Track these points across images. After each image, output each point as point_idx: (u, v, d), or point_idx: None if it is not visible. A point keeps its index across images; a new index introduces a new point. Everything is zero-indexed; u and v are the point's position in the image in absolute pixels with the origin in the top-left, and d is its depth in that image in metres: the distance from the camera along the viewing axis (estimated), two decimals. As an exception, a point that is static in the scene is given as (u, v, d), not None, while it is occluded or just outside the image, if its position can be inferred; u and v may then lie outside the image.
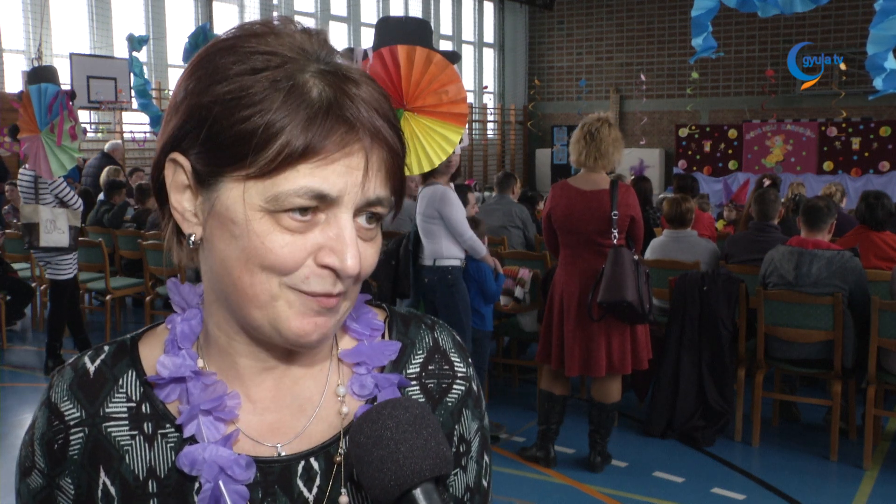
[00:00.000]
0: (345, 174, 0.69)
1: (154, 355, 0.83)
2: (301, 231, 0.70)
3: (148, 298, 6.83)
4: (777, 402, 4.96)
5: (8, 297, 6.79)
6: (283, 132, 0.68)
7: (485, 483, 0.91)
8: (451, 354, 0.88)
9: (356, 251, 0.71)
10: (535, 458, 4.38)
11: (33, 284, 7.33)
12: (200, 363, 0.81)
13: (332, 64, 0.72)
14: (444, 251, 4.61)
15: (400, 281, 4.58)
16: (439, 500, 0.70)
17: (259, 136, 0.68)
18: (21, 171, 5.97)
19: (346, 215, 0.71)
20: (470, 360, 0.91)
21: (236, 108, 0.69)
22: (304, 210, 0.69)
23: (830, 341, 4.38)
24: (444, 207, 4.54)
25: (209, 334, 0.81)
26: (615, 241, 3.95)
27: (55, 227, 5.76)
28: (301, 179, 0.68)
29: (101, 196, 8.02)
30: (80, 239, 6.24)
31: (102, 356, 0.84)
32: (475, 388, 0.90)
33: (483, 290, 4.82)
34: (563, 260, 4.17)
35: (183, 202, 0.75)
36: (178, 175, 0.74)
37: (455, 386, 0.88)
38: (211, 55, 0.73)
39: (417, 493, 0.69)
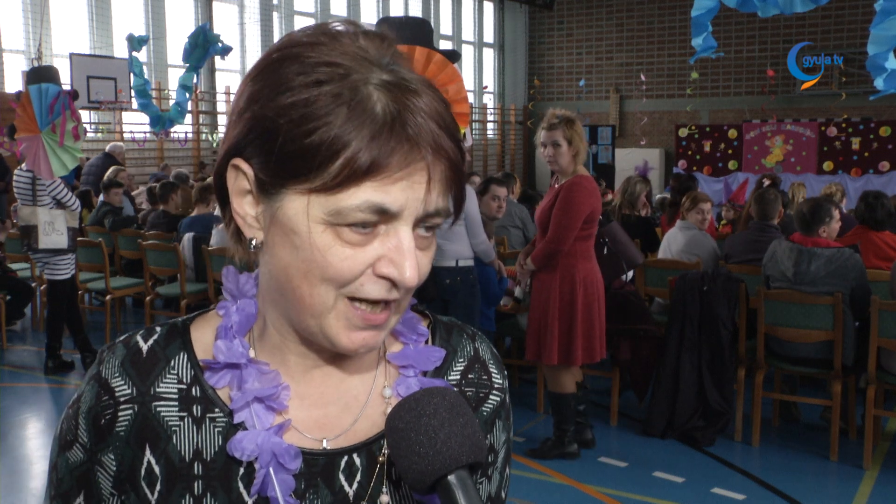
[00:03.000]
0: (407, 189, 0.70)
1: (205, 340, 0.84)
2: (362, 244, 0.71)
3: (148, 298, 6.83)
4: (777, 403, 4.96)
5: (8, 297, 6.79)
6: (348, 148, 0.68)
7: (503, 494, 0.94)
8: (490, 365, 0.91)
9: (415, 262, 0.72)
10: (562, 455, 4.37)
11: (33, 284, 7.33)
12: (252, 353, 0.82)
13: (395, 72, 0.72)
14: (465, 251, 4.63)
15: (424, 285, 4.54)
16: (473, 487, 0.70)
17: (323, 151, 0.68)
18: (17, 172, 5.93)
19: (405, 228, 0.71)
20: (506, 372, 0.93)
21: (301, 122, 0.69)
22: (365, 224, 0.70)
23: (831, 341, 4.38)
24: (471, 207, 4.56)
25: (265, 328, 0.82)
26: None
27: (54, 229, 5.75)
28: (364, 194, 0.69)
29: (101, 197, 8.03)
30: (79, 239, 6.24)
31: (155, 336, 0.84)
32: (508, 400, 0.92)
33: (487, 292, 4.85)
34: (587, 252, 4.16)
35: (245, 206, 0.76)
36: (239, 181, 0.75)
37: (491, 396, 0.90)
38: (275, 63, 0.73)
39: (452, 479, 0.70)
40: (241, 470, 0.80)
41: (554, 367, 4.27)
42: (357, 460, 0.82)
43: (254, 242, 0.76)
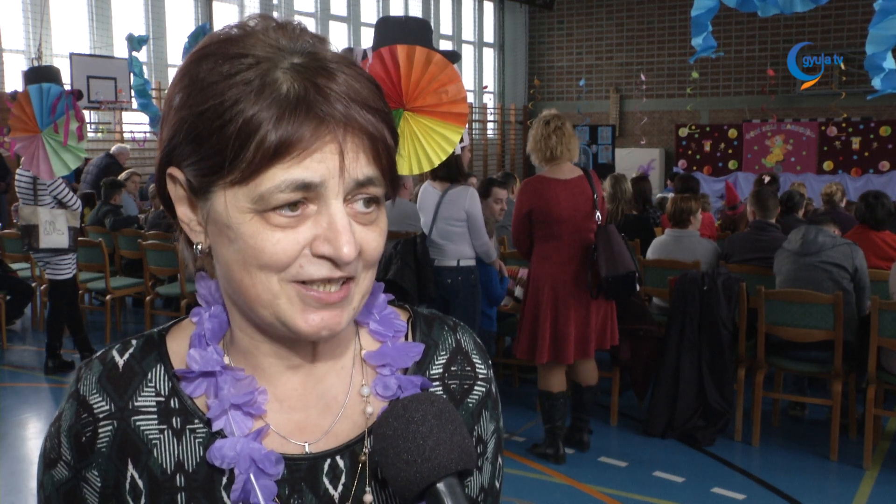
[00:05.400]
0: (322, 161, 0.69)
1: (181, 350, 0.83)
2: (292, 226, 0.70)
3: (148, 298, 6.83)
4: (777, 402, 4.96)
5: (8, 297, 6.79)
6: (257, 132, 0.68)
7: (497, 484, 0.93)
8: (473, 356, 0.90)
9: (351, 237, 0.71)
10: (544, 456, 4.40)
11: (33, 284, 7.33)
12: (227, 360, 0.81)
13: (308, 54, 0.72)
14: (467, 251, 4.65)
15: (425, 285, 4.55)
16: (462, 494, 0.70)
17: (234, 140, 0.68)
18: (19, 172, 5.93)
19: (335, 202, 0.71)
20: (490, 362, 0.92)
21: (215, 116, 0.69)
22: (293, 205, 0.70)
23: (831, 340, 4.38)
24: (474, 208, 4.58)
25: (234, 334, 0.82)
26: (599, 222, 4.16)
27: (54, 229, 5.74)
28: (280, 174, 0.68)
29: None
30: (80, 239, 6.24)
31: (131, 350, 0.84)
32: (494, 390, 0.92)
33: (489, 292, 4.85)
34: (546, 252, 4.19)
35: (187, 213, 0.76)
36: (177, 189, 0.76)
37: (476, 387, 0.89)
38: (190, 65, 0.73)
39: (441, 486, 0.69)
40: (224, 479, 0.79)
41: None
42: (340, 462, 0.82)
43: (199, 247, 0.77)
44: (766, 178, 8.21)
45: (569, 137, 4.17)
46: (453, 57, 4.15)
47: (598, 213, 4.15)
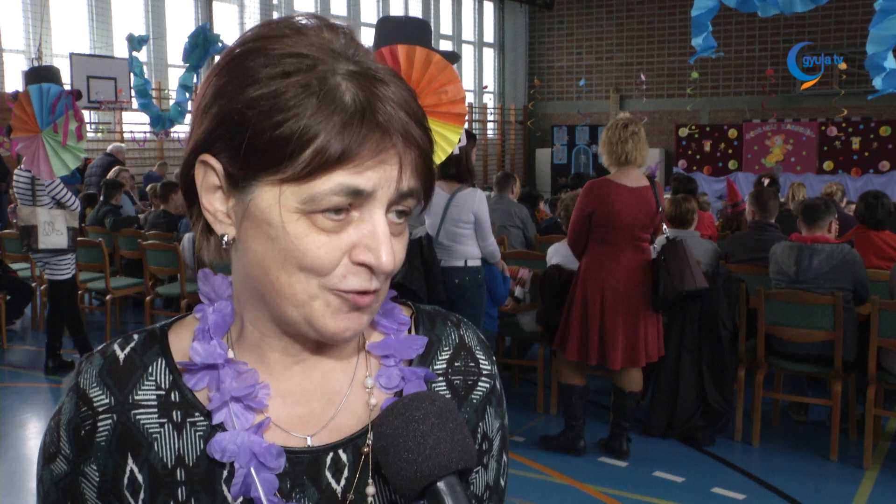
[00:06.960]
0: (379, 171, 0.70)
1: (184, 344, 0.83)
2: (336, 231, 0.71)
3: (148, 298, 6.83)
4: (778, 402, 4.96)
5: (8, 297, 6.79)
6: (318, 137, 0.68)
7: (502, 482, 0.93)
8: (477, 352, 0.89)
9: (390, 248, 0.72)
10: (566, 449, 4.44)
11: (33, 284, 7.33)
12: (231, 354, 0.81)
13: (360, 63, 0.72)
14: (474, 252, 4.67)
15: (434, 287, 4.55)
16: (462, 493, 0.70)
17: (294, 141, 0.68)
18: (17, 172, 5.92)
19: (379, 211, 0.71)
20: (493, 358, 0.92)
21: (270, 114, 0.69)
22: (338, 208, 0.70)
23: (831, 341, 4.38)
24: (482, 210, 4.61)
25: (242, 328, 0.82)
26: (665, 235, 4.13)
27: (53, 229, 5.74)
28: (337, 178, 0.69)
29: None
30: (80, 239, 6.23)
31: (132, 344, 0.84)
32: (498, 386, 0.91)
33: (492, 292, 4.86)
34: (601, 256, 4.20)
35: (214, 203, 0.75)
36: (208, 177, 0.75)
37: (480, 383, 0.89)
38: (239, 57, 0.73)
39: (441, 485, 0.69)
40: (225, 473, 0.79)
41: (560, 356, 4.47)
42: (343, 456, 0.81)
43: (226, 239, 0.76)
44: (766, 181, 8.20)
45: (643, 143, 4.16)
46: (452, 58, 4.15)
47: (664, 226, 4.15)
